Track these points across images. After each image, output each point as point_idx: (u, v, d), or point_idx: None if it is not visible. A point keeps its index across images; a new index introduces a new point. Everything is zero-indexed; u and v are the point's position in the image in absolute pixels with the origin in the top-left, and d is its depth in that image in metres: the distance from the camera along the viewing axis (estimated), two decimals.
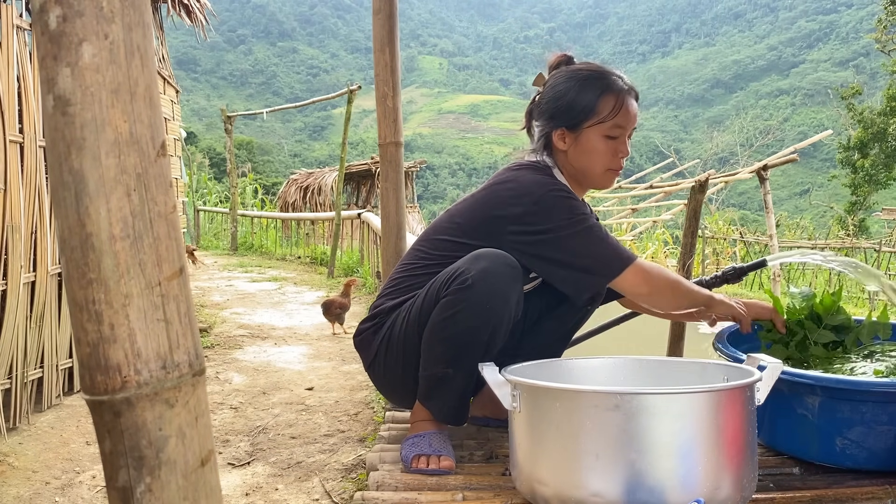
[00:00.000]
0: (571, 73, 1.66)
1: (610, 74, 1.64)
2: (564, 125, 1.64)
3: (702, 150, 50.76)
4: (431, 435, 1.58)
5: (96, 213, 0.58)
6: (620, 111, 1.61)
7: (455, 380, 1.54)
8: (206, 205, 14.70)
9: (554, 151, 1.69)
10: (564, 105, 1.63)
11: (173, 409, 0.61)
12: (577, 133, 1.63)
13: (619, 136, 1.63)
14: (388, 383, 1.71)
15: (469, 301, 1.46)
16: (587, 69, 1.66)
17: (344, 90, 7.32)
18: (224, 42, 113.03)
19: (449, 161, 76.34)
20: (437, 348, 1.51)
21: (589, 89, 1.62)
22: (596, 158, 1.64)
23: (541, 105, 1.70)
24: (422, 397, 1.61)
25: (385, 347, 1.63)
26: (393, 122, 2.09)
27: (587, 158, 1.64)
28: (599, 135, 1.62)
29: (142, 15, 0.60)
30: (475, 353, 1.50)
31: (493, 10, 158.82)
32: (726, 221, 14.51)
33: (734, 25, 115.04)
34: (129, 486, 0.60)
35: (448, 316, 1.48)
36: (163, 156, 0.62)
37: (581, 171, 1.67)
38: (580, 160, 1.65)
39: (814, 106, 71.34)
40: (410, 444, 1.58)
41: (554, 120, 1.66)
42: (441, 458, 1.54)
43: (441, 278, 1.52)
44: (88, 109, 0.57)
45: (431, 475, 1.50)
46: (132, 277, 0.59)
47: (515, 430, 1.36)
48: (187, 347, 0.62)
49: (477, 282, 1.45)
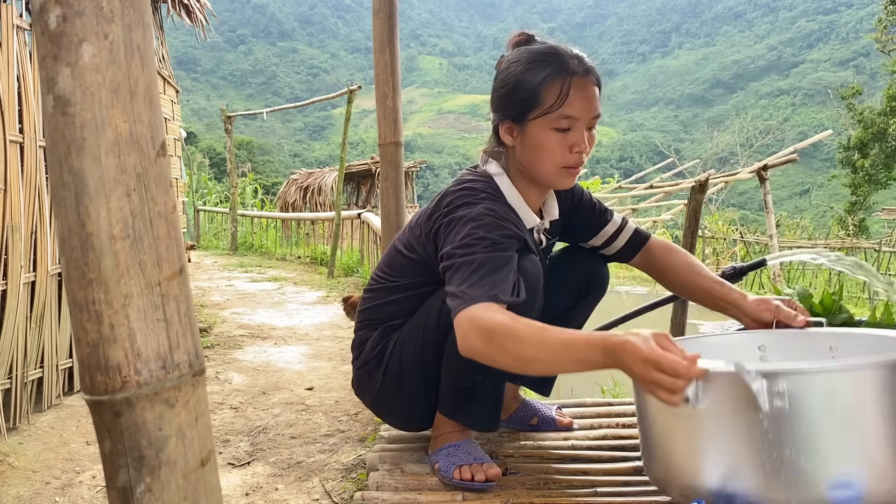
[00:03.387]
0: (520, 55, 1.41)
1: (561, 55, 1.37)
2: (509, 117, 1.41)
3: (702, 150, 50.75)
4: (465, 444, 1.53)
5: (96, 213, 0.58)
6: (567, 99, 1.34)
7: (485, 385, 1.48)
8: (206, 205, 14.70)
9: (503, 145, 1.47)
10: (507, 93, 1.40)
11: (173, 409, 0.61)
12: (523, 126, 1.40)
13: (573, 128, 1.36)
14: (403, 415, 1.62)
15: None
16: (536, 50, 1.40)
17: (344, 90, 7.32)
18: (224, 42, 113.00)
19: (449, 161, 76.34)
20: (465, 361, 1.27)
21: (533, 74, 1.36)
22: (544, 155, 1.39)
23: (491, 94, 1.47)
24: (448, 413, 1.53)
25: (391, 381, 1.55)
26: (393, 122, 2.09)
27: (535, 155, 1.40)
28: (547, 127, 1.37)
29: (142, 15, 0.60)
30: None
31: (493, 10, 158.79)
32: (726, 221, 14.51)
33: (734, 25, 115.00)
34: (129, 486, 0.60)
35: None
36: (163, 156, 0.62)
37: (531, 169, 1.44)
38: (528, 157, 1.42)
39: (814, 106, 71.33)
40: (446, 456, 1.51)
41: (499, 111, 1.43)
42: (484, 465, 1.47)
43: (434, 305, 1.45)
44: (88, 109, 0.57)
45: (482, 488, 1.44)
46: (132, 277, 0.59)
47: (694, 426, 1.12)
48: (187, 347, 0.62)
49: None
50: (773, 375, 1.03)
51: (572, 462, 1.62)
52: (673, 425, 1.16)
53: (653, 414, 1.21)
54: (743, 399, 1.03)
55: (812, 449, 1.03)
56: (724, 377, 1.05)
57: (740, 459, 1.06)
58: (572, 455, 1.66)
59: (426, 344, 1.49)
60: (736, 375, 1.02)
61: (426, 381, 1.52)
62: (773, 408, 1.02)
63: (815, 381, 1.04)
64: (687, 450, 1.13)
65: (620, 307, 2.01)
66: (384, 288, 1.57)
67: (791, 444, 1.03)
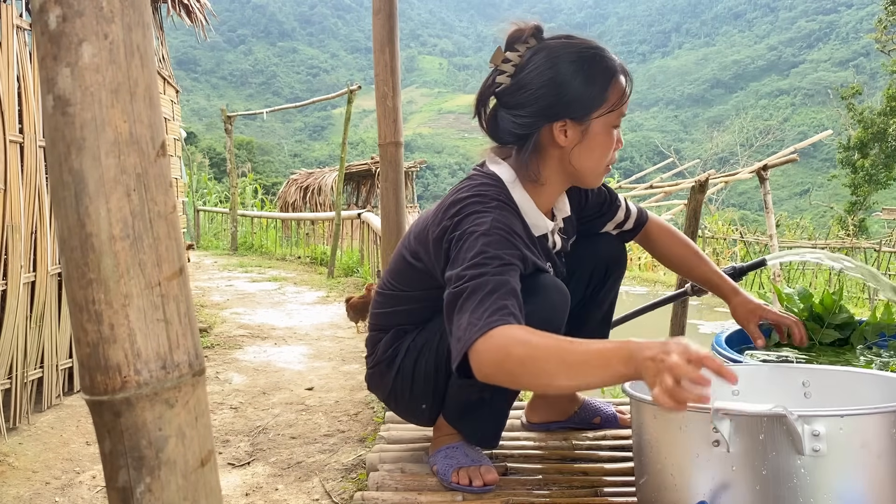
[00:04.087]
0: (565, 51, 1.36)
1: (607, 53, 1.38)
2: (568, 116, 1.35)
3: (702, 150, 50.76)
4: (463, 445, 1.52)
5: (96, 213, 0.58)
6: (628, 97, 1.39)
7: (492, 404, 1.47)
8: (206, 205, 14.70)
9: (542, 148, 1.40)
10: (571, 93, 1.34)
11: (173, 409, 0.61)
12: (585, 125, 1.36)
13: (619, 126, 1.41)
14: (412, 412, 1.62)
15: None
16: (583, 46, 1.37)
17: (344, 90, 7.32)
18: (224, 42, 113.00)
19: (449, 161, 76.31)
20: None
21: (597, 73, 1.35)
22: (603, 153, 1.39)
23: (523, 91, 1.37)
24: (450, 419, 1.53)
25: (403, 380, 1.54)
26: (393, 122, 2.09)
27: (593, 154, 1.39)
28: (607, 125, 1.37)
29: (142, 15, 0.60)
30: None
31: (493, 10, 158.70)
32: (726, 221, 14.51)
33: (734, 25, 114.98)
34: (129, 486, 0.60)
35: None
36: (163, 156, 0.62)
37: (583, 169, 1.41)
38: (585, 157, 1.39)
39: (814, 106, 71.33)
40: (445, 458, 1.50)
41: (552, 110, 1.35)
42: (482, 468, 1.46)
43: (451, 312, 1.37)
44: (88, 109, 0.57)
45: (480, 492, 1.43)
46: (132, 277, 0.59)
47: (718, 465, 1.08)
48: (187, 347, 0.62)
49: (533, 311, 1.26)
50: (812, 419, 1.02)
51: (572, 462, 1.62)
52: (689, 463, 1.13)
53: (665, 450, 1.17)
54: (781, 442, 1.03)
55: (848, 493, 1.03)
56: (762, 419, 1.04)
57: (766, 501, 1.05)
58: (572, 455, 1.66)
59: (441, 356, 1.47)
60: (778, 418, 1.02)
61: (436, 388, 1.51)
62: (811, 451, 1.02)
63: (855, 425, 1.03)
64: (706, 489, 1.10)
65: (620, 307, 2.01)
66: (393, 296, 1.55)
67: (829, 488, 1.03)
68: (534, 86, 1.35)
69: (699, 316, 7.59)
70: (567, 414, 1.82)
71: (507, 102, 1.40)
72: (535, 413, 1.83)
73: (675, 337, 1.04)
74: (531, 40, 1.39)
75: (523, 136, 1.39)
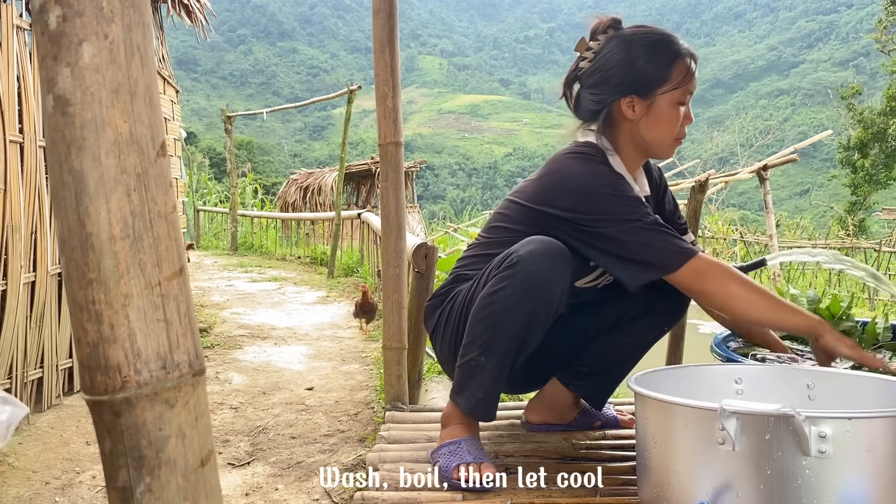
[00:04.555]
0: (636, 36, 1.56)
1: (675, 38, 1.57)
2: (635, 92, 1.54)
3: (702, 150, 50.71)
4: (467, 441, 1.54)
5: (96, 213, 0.58)
6: (693, 77, 1.55)
7: (486, 369, 1.49)
8: (206, 205, 14.69)
9: (615, 122, 1.59)
10: (636, 71, 1.53)
11: (173, 409, 0.61)
12: (650, 100, 1.54)
13: (686, 103, 1.57)
14: (447, 357, 1.66)
15: (512, 279, 1.43)
16: (653, 32, 1.57)
17: (344, 90, 7.32)
18: (224, 42, 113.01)
19: (449, 161, 76.32)
20: (475, 329, 1.49)
21: (662, 54, 1.53)
22: (668, 127, 1.56)
23: (599, 72, 1.58)
24: (454, 391, 1.57)
25: (444, 322, 1.63)
26: (393, 122, 2.09)
27: (659, 127, 1.56)
28: (672, 101, 1.54)
29: (142, 15, 0.60)
30: (509, 341, 1.46)
31: (493, 10, 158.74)
32: (726, 221, 14.51)
33: (734, 25, 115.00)
34: (129, 486, 0.60)
35: (490, 293, 1.46)
36: (163, 156, 0.62)
37: (651, 141, 1.58)
38: (651, 129, 1.56)
39: (814, 106, 71.33)
40: (447, 453, 1.52)
41: (622, 87, 1.55)
42: (482, 465, 1.48)
43: (495, 261, 1.51)
44: (88, 109, 0.57)
45: (479, 490, 1.44)
46: (132, 277, 0.59)
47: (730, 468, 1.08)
48: (187, 347, 0.62)
49: (521, 261, 1.43)
50: (820, 420, 1.02)
51: (572, 462, 1.62)
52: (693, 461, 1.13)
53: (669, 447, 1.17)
54: (787, 442, 1.03)
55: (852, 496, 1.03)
56: (769, 419, 1.04)
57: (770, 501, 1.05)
58: (572, 455, 1.66)
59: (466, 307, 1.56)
60: (786, 418, 1.03)
61: (459, 342, 1.56)
62: (817, 452, 1.02)
63: (861, 428, 1.03)
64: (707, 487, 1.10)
65: None
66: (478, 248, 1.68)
67: (833, 490, 1.03)
68: (608, 66, 1.56)
69: (699, 316, 7.59)
70: (567, 419, 1.83)
71: (586, 82, 1.61)
72: (534, 414, 1.83)
73: None
74: (610, 30, 1.59)
75: (598, 112, 1.59)
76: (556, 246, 1.46)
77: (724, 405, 1.04)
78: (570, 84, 1.67)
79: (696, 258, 1.44)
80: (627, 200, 1.48)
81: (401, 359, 2.13)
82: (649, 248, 1.45)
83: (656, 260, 1.45)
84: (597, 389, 1.76)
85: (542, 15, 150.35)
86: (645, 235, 1.45)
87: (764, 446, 1.04)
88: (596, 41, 1.60)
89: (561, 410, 1.82)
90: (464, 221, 15.09)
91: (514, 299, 1.44)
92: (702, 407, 1.08)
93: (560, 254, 1.46)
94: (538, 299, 1.44)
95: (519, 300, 1.43)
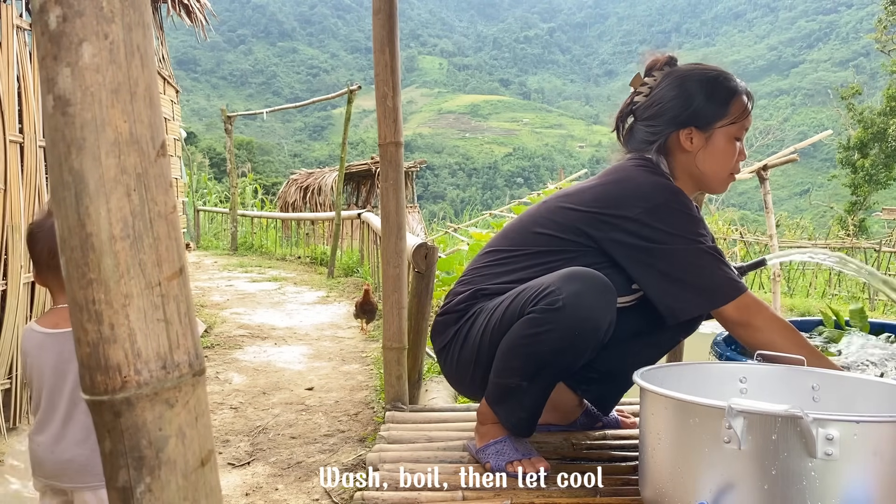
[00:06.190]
0: (695, 73, 1.61)
1: (732, 77, 1.62)
2: (694, 125, 1.58)
3: None
4: (511, 439, 1.56)
5: (96, 213, 0.58)
6: (749, 114, 1.60)
7: (528, 393, 1.49)
8: (206, 205, 14.68)
9: (671, 152, 1.61)
10: (696, 105, 1.57)
11: (173, 409, 0.61)
12: (709, 133, 1.58)
13: (742, 139, 1.61)
14: (457, 376, 1.66)
15: (558, 324, 1.38)
16: (711, 69, 1.62)
17: (344, 90, 7.32)
18: (224, 42, 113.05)
19: (449, 161, 76.31)
20: (514, 361, 1.46)
21: (721, 89, 1.58)
22: (725, 160, 1.59)
23: (656, 105, 1.62)
24: (491, 401, 1.55)
25: (461, 341, 1.58)
26: (393, 122, 2.09)
27: (716, 160, 1.59)
28: (729, 136, 1.58)
29: (142, 15, 0.60)
30: (554, 373, 1.48)
31: (493, 10, 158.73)
32: (726, 221, 14.51)
33: (734, 25, 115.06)
34: (129, 486, 0.60)
35: (532, 334, 1.41)
36: (163, 156, 0.62)
37: (706, 173, 1.60)
38: (709, 162, 1.59)
39: (814, 106, 71.37)
40: (496, 453, 1.54)
41: (679, 120, 1.59)
42: (533, 458, 1.52)
43: (529, 292, 1.44)
44: (88, 109, 0.57)
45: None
46: (132, 277, 0.59)
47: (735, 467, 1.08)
48: (187, 347, 0.62)
49: (568, 306, 1.37)
50: (827, 422, 1.02)
51: (572, 462, 1.62)
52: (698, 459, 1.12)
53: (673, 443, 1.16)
54: (793, 443, 1.03)
55: (856, 499, 1.02)
56: (776, 419, 1.04)
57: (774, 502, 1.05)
58: (572, 455, 1.66)
59: (503, 328, 1.48)
60: (793, 419, 1.02)
61: (488, 361, 1.53)
62: (824, 454, 1.01)
63: (869, 431, 1.03)
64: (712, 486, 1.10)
65: None
66: (501, 257, 1.62)
67: (838, 492, 1.02)
68: (665, 99, 1.61)
69: None
70: (569, 419, 1.83)
71: (642, 115, 1.65)
72: None
73: None
74: (665, 67, 1.65)
75: (653, 143, 1.62)
76: (600, 283, 1.41)
77: (732, 404, 1.04)
78: (624, 118, 1.70)
79: (746, 295, 1.46)
80: (695, 220, 1.49)
81: (401, 359, 2.13)
82: (707, 274, 1.45)
83: (711, 286, 1.45)
84: (605, 395, 1.77)
85: (542, 15, 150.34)
86: (705, 260, 1.46)
87: (770, 446, 1.04)
88: (651, 77, 1.65)
89: (564, 412, 1.82)
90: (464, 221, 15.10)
91: (560, 343, 1.41)
92: (710, 405, 1.08)
93: (605, 291, 1.41)
94: (587, 342, 1.42)
95: (566, 342, 1.40)
